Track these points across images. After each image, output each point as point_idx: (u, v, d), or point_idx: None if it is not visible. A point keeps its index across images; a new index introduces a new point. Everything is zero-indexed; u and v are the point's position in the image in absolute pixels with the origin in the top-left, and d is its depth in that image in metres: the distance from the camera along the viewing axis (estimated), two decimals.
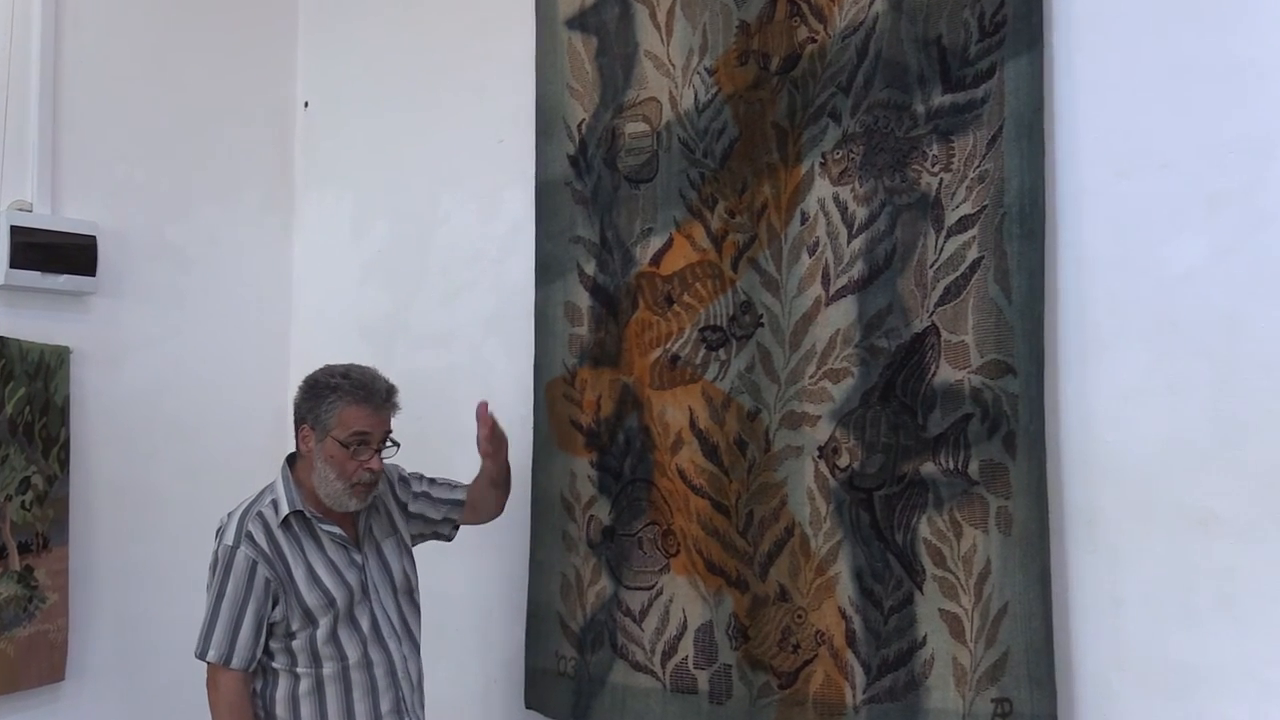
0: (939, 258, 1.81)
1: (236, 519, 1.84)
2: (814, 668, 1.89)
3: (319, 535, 1.87)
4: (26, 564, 2.17)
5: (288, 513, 1.83)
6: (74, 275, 2.28)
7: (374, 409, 1.83)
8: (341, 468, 1.82)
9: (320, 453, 1.83)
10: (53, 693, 2.24)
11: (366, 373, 1.87)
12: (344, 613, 1.84)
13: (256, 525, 1.82)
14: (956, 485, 1.78)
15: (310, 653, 1.83)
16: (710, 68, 2.05)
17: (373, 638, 1.87)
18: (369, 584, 1.89)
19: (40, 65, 2.28)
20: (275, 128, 2.75)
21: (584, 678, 2.14)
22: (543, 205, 2.26)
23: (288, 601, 1.81)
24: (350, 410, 1.82)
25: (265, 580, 1.80)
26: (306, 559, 1.84)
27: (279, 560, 1.82)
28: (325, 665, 1.84)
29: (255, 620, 1.79)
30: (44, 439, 2.21)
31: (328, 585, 1.84)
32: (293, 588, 1.81)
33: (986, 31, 1.78)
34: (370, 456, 1.82)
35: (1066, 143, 1.74)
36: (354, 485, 1.83)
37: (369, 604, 1.88)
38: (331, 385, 1.84)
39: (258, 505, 1.86)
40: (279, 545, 1.83)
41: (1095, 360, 1.72)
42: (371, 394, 1.83)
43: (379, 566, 1.93)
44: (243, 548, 1.80)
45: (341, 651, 1.84)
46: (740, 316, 2.01)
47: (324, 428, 1.83)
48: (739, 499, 1.99)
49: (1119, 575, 1.69)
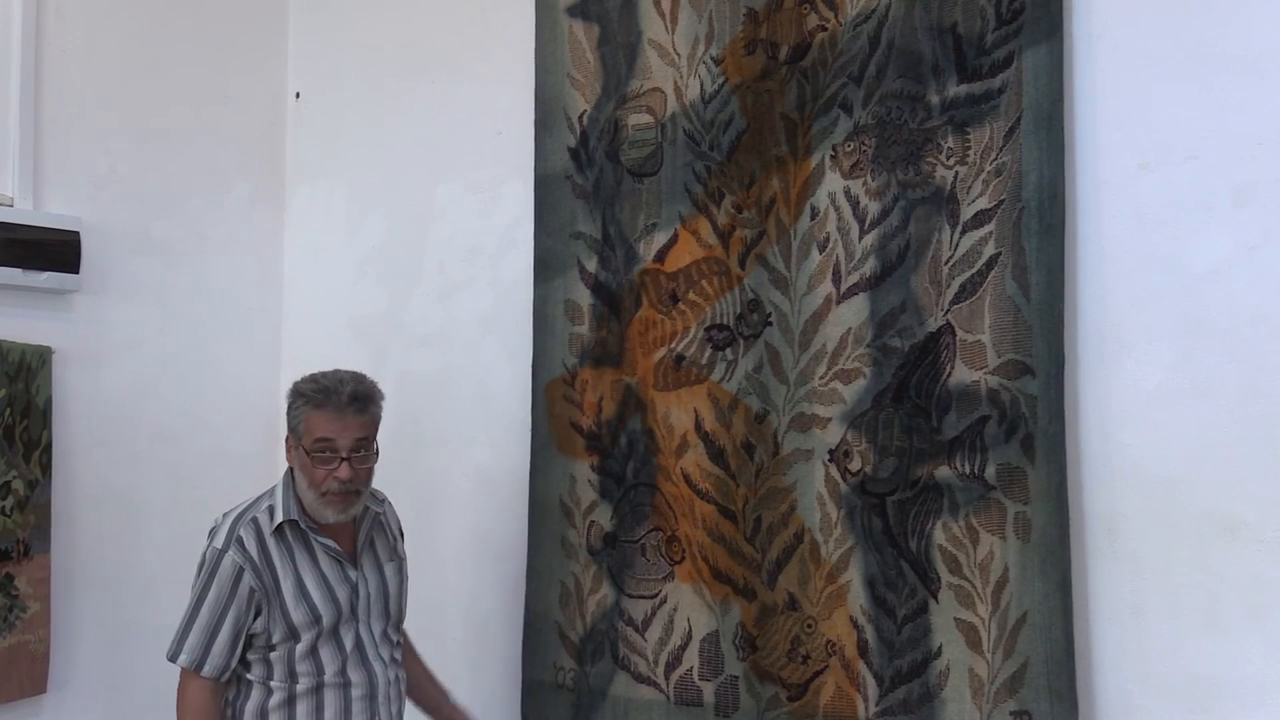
0: (954, 254, 1.79)
1: (230, 522, 1.79)
2: (824, 679, 1.88)
3: (313, 547, 1.82)
4: (7, 572, 2.15)
5: (281, 521, 1.79)
6: (56, 272, 2.25)
7: (335, 414, 1.75)
8: (310, 476, 1.77)
9: (296, 462, 1.80)
10: (34, 706, 2.21)
11: (335, 377, 1.79)
12: (328, 630, 1.80)
13: (249, 531, 1.78)
14: (973, 490, 1.75)
15: (287, 666, 1.78)
16: (717, 57, 2.03)
17: (355, 658, 1.82)
18: (359, 603, 1.84)
19: (21, 54, 2.25)
20: (265, 118, 2.73)
21: (584, 690, 2.12)
22: (542, 199, 2.24)
23: (271, 614, 1.76)
24: (313, 416, 1.76)
25: (250, 589, 1.75)
26: (296, 570, 1.79)
27: (267, 570, 1.77)
28: (300, 681, 1.78)
29: (233, 629, 1.75)
30: (25, 442, 2.19)
31: (315, 600, 1.79)
32: (278, 599, 1.76)
33: (1004, 19, 1.76)
34: (337, 465, 1.76)
35: (1087, 134, 1.72)
36: (324, 495, 1.77)
37: (355, 623, 1.83)
38: (299, 391, 1.79)
39: (254, 510, 1.81)
40: (269, 554, 1.78)
41: (1117, 360, 1.69)
42: (331, 398, 1.75)
43: (377, 587, 1.87)
44: (231, 552, 1.75)
45: (318, 667, 1.79)
46: (748, 315, 1.97)
47: (297, 436, 1.79)
48: (746, 504, 1.97)
49: (1142, 584, 1.67)
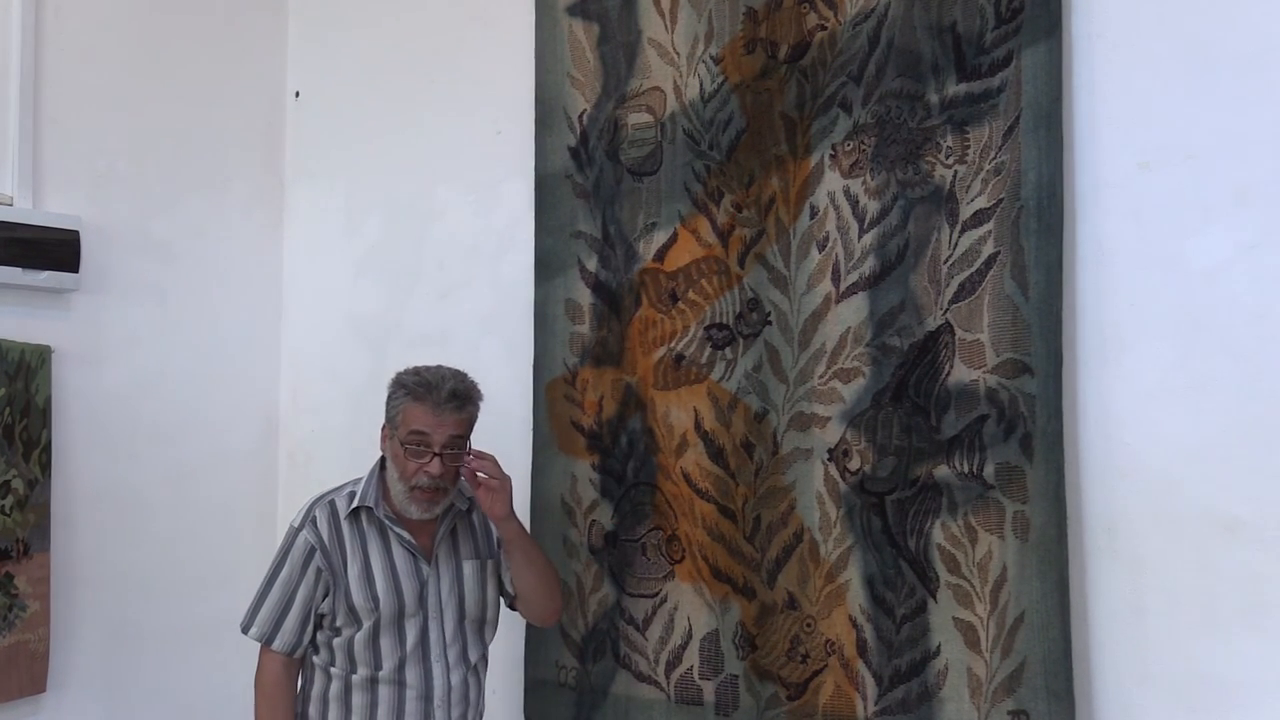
0: (953, 253, 1.78)
1: (310, 503, 1.86)
2: (824, 678, 1.87)
3: (388, 536, 1.85)
4: (6, 571, 2.14)
5: (358, 506, 1.83)
6: (55, 271, 2.23)
7: (432, 408, 1.77)
8: (402, 468, 1.80)
9: (389, 452, 1.84)
10: (33, 705, 2.20)
11: (437, 372, 1.82)
12: (388, 620, 1.81)
13: (324, 512, 1.84)
14: (971, 489, 1.75)
15: (347, 653, 1.81)
16: (716, 56, 2.02)
17: (415, 655, 1.82)
18: (429, 598, 1.84)
19: (20, 53, 2.23)
20: (265, 117, 2.71)
21: (585, 688, 2.11)
22: (542, 199, 2.23)
23: (336, 595, 1.80)
24: (411, 409, 1.79)
25: (318, 569, 1.80)
26: (365, 555, 1.82)
27: (336, 551, 1.82)
28: (358, 670, 1.81)
29: (304, 606, 1.80)
30: (24, 441, 2.18)
31: (378, 588, 1.81)
32: (343, 582, 1.80)
33: (1003, 18, 1.75)
34: (429, 459, 1.77)
35: (1086, 133, 1.72)
36: (413, 489, 1.79)
37: (423, 618, 1.83)
38: (401, 382, 1.83)
39: (335, 494, 1.87)
40: (340, 536, 1.82)
41: (1116, 359, 1.69)
42: (430, 392, 1.78)
43: (451, 584, 1.86)
44: (305, 531, 1.82)
45: (377, 659, 1.81)
46: (747, 314, 1.97)
47: (394, 426, 1.82)
48: (746, 503, 1.96)
49: (1141, 583, 1.66)
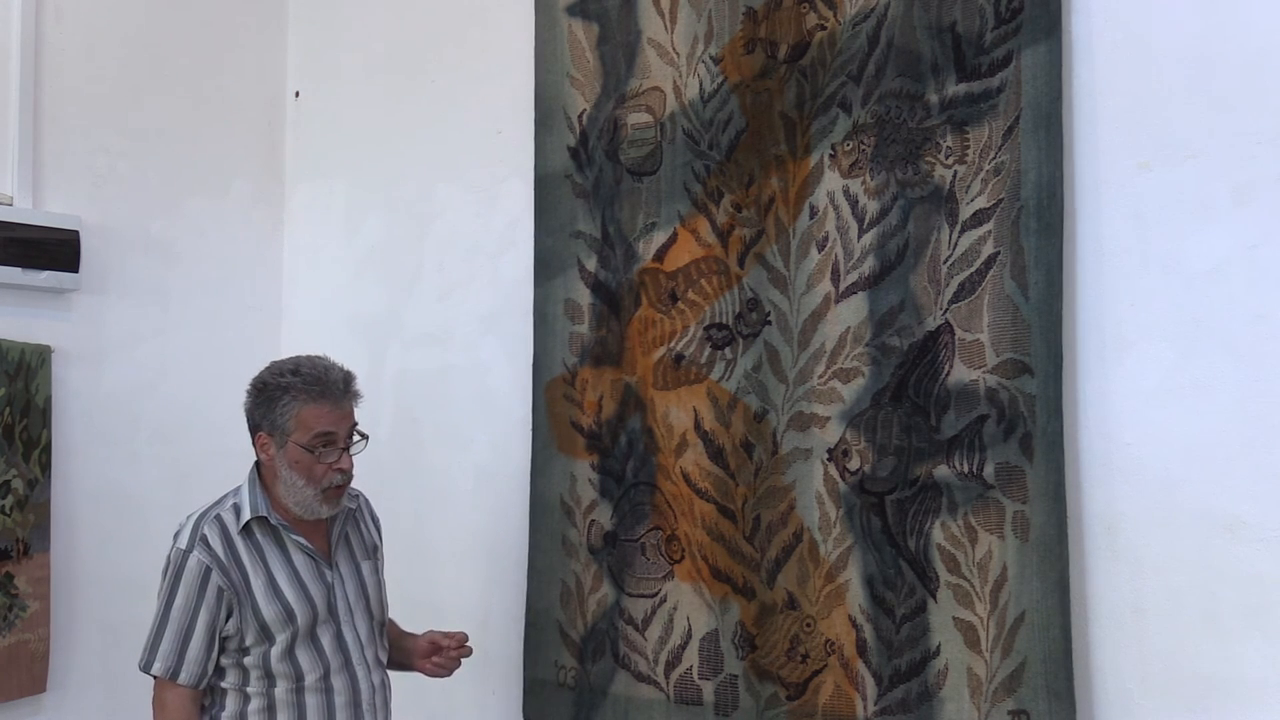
0: (953, 253, 1.78)
1: (193, 522, 1.72)
2: (823, 678, 1.87)
3: (285, 544, 1.75)
4: (7, 571, 2.14)
5: (249, 518, 1.71)
6: (56, 271, 2.24)
7: (333, 404, 1.69)
8: (309, 473, 1.69)
9: (283, 459, 1.70)
10: (34, 705, 2.20)
11: (318, 365, 1.72)
12: (304, 630, 1.72)
13: (213, 529, 1.70)
14: (971, 489, 1.74)
15: (263, 670, 1.70)
16: (716, 56, 2.02)
17: (337, 662, 1.75)
18: (337, 603, 1.77)
19: (20, 54, 2.24)
20: (265, 117, 2.71)
21: (585, 688, 2.11)
22: (542, 199, 2.22)
23: (242, 614, 1.68)
24: (308, 410, 1.68)
25: (218, 588, 1.67)
26: (268, 568, 1.72)
27: (235, 568, 1.69)
28: (278, 684, 1.71)
29: (207, 632, 1.67)
30: (24, 441, 2.18)
31: (289, 598, 1.70)
32: (249, 598, 1.68)
33: (1003, 18, 1.75)
34: (339, 456, 1.70)
35: (1086, 133, 1.71)
36: (325, 490, 1.70)
37: (335, 624, 1.76)
38: (283, 385, 1.69)
39: (218, 509, 1.74)
40: (236, 552, 1.70)
41: (1116, 359, 1.69)
42: (328, 388, 1.69)
43: (355, 587, 1.80)
44: (196, 552, 1.67)
45: (298, 671, 1.71)
46: (747, 314, 1.97)
47: (283, 432, 1.69)
48: (745, 503, 1.96)
49: (1141, 583, 1.66)
